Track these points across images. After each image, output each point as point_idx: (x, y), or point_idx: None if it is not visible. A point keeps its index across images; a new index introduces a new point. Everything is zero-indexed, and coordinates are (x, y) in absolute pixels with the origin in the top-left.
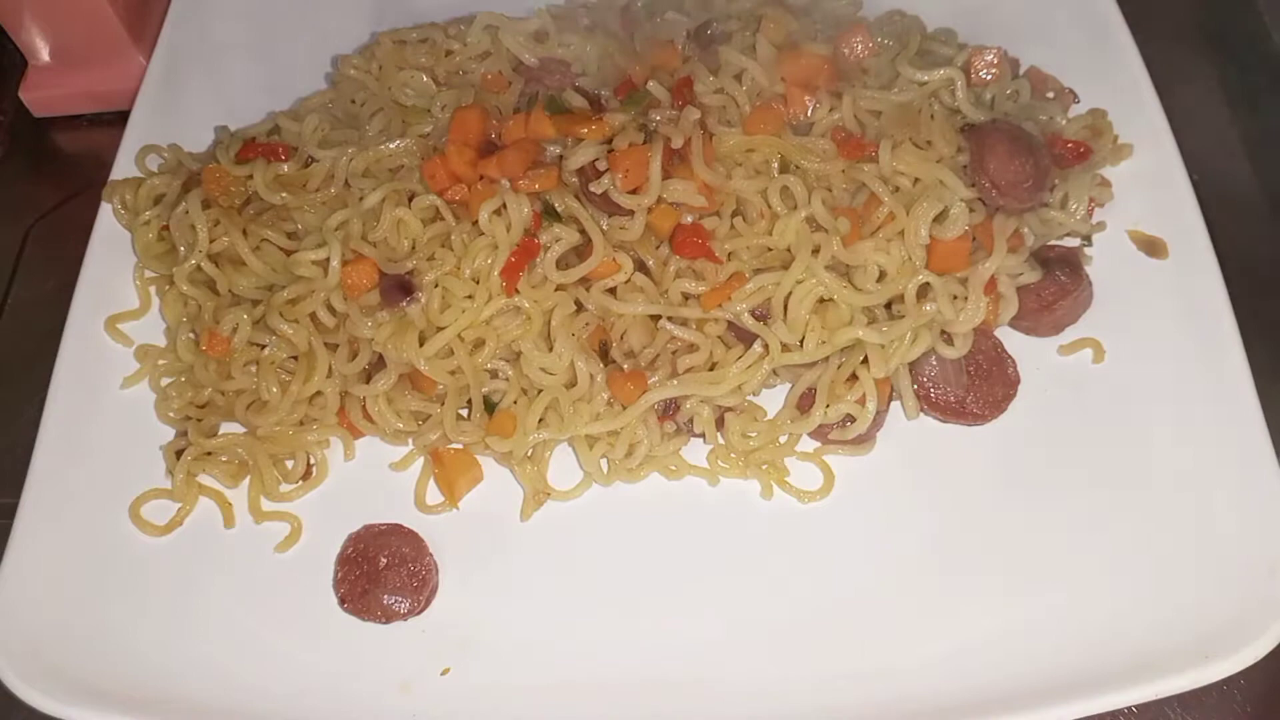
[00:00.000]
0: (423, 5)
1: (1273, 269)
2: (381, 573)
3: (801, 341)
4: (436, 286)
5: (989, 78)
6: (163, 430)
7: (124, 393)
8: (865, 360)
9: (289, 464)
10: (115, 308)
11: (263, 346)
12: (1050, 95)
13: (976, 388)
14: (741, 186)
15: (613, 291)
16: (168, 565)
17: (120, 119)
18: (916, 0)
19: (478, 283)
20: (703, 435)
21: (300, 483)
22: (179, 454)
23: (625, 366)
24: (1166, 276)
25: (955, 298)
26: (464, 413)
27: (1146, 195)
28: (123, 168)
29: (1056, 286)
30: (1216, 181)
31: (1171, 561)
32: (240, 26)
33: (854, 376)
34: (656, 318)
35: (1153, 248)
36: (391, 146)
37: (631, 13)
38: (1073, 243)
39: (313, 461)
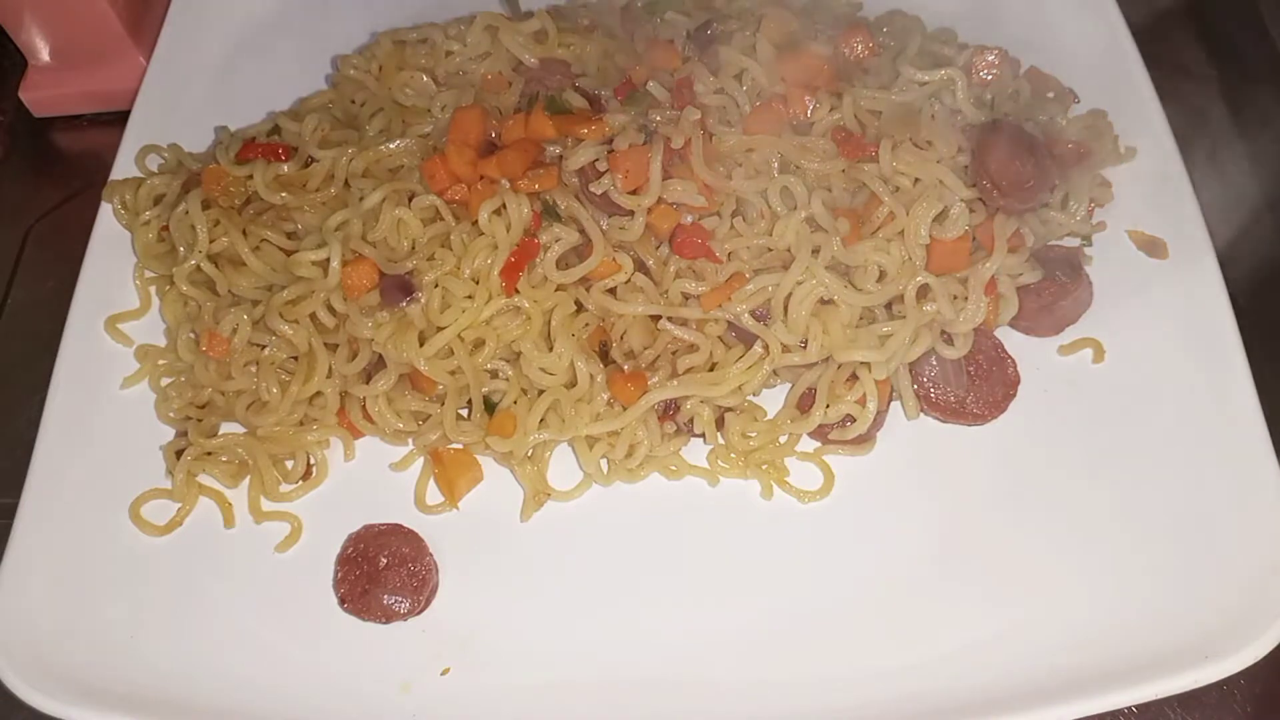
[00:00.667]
0: (423, 5)
1: (1273, 269)
2: (381, 573)
3: (805, 344)
4: (436, 286)
5: (990, 78)
6: (163, 430)
7: (124, 393)
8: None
9: (289, 464)
10: (115, 308)
11: (263, 347)
12: (1050, 95)
13: (976, 388)
14: (741, 187)
15: (613, 292)
16: (168, 565)
17: (120, 119)
18: (917, 0)
19: (478, 283)
20: (703, 435)
21: (300, 483)
22: (179, 454)
23: (625, 367)
24: (1166, 276)
25: (955, 298)
26: (464, 413)
27: (1146, 195)
28: (123, 168)
29: (1056, 286)
30: (1216, 181)
31: (1172, 561)
32: (240, 26)
33: (854, 376)
34: (656, 318)
35: (1153, 248)
36: (391, 146)
37: (631, 13)
38: (1073, 243)
39: (313, 461)
